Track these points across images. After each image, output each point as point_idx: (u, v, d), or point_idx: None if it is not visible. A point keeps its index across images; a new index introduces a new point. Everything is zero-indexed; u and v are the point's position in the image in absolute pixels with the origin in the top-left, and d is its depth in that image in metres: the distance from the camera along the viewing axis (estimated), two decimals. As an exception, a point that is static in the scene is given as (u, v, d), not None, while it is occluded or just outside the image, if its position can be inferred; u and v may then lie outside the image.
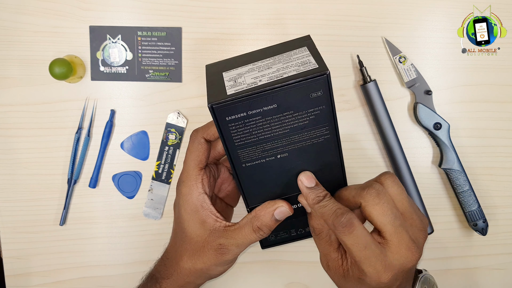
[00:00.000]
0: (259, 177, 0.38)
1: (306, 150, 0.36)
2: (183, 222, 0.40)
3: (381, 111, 0.49)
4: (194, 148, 0.40)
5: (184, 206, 0.40)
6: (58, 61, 0.46)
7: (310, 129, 0.35)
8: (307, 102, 0.33)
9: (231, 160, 0.37)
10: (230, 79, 0.35)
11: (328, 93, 0.33)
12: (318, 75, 0.32)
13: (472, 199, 0.50)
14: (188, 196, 0.40)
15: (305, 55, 0.35)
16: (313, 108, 0.34)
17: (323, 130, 0.35)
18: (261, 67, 0.35)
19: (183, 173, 0.41)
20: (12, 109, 0.51)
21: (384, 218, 0.35)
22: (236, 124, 0.34)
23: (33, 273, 0.53)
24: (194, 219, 0.40)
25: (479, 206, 0.51)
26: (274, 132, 0.35)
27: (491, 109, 0.52)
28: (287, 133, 0.35)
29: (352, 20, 0.50)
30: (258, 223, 0.38)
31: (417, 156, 0.52)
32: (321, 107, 0.34)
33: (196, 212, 0.40)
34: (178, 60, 0.51)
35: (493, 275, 0.54)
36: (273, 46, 0.38)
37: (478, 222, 0.51)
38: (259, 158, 0.36)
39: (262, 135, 0.35)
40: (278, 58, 0.36)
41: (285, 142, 0.35)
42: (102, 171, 0.52)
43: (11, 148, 0.52)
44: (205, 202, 0.40)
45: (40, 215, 0.53)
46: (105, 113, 0.51)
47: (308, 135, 0.35)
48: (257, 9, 0.50)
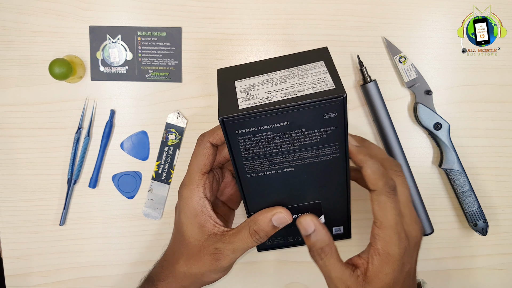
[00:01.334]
0: (263, 187, 0.38)
1: (313, 166, 0.36)
2: (182, 226, 0.40)
3: (381, 111, 0.49)
4: (199, 152, 0.40)
5: (184, 210, 0.40)
6: (58, 61, 0.46)
7: (320, 147, 0.34)
8: (320, 122, 0.32)
9: (237, 170, 0.36)
10: (243, 90, 0.34)
11: (343, 115, 0.32)
12: (335, 98, 0.31)
13: (472, 199, 0.50)
14: (189, 200, 0.40)
15: (321, 72, 0.34)
16: (326, 128, 0.33)
17: (333, 149, 0.35)
18: (275, 80, 0.34)
19: (186, 176, 0.40)
20: (12, 109, 0.51)
21: (405, 190, 0.38)
22: (245, 137, 0.33)
23: (33, 273, 0.53)
24: (193, 223, 0.40)
25: (479, 206, 0.51)
26: (283, 148, 0.34)
27: (491, 109, 0.52)
28: (296, 149, 0.34)
29: (352, 20, 0.50)
30: (255, 226, 0.38)
31: (417, 156, 0.52)
32: (334, 127, 0.33)
33: (195, 216, 0.40)
34: (178, 60, 0.51)
35: (493, 275, 0.54)
36: (288, 56, 0.38)
37: (478, 222, 0.51)
38: (264, 170, 0.36)
39: (271, 149, 0.34)
40: (294, 72, 0.35)
41: (293, 157, 0.35)
42: (102, 171, 0.52)
43: (11, 148, 0.52)
44: (205, 206, 0.40)
45: (40, 215, 0.53)
46: (105, 113, 0.51)
47: (317, 152, 0.35)
48: (257, 9, 0.50)
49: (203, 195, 0.40)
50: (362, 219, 0.52)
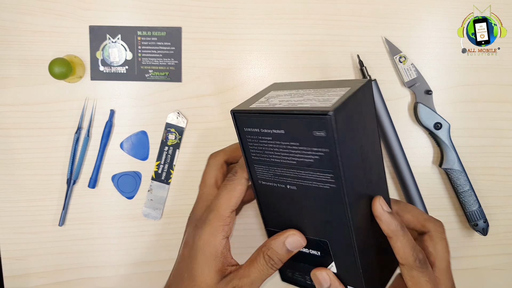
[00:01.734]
0: (274, 200, 0.36)
1: (312, 191, 0.33)
2: (196, 267, 0.36)
3: (381, 111, 0.49)
4: (234, 188, 0.36)
5: (203, 250, 0.36)
6: (57, 61, 0.46)
7: (316, 170, 0.32)
8: (311, 139, 0.31)
9: (250, 172, 0.36)
10: (268, 97, 0.35)
11: (333, 137, 0.29)
12: (319, 113, 0.29)
13: (473, 199, 0.50)
14: (211, 240, 0.36)
15: (337, 94, 0.32)
16: (317, 147, 0.31)
17: (328, 177, 0.32)
18: (298, 95, 0.34)
19: (212, 212, 0.36)
20: (12, 109, 0.51)
21: (446, 254, 0.36)
22: (252, 137, 0.34)
23: (32, 274, 0.53)
24: (211, 266, 0.36)
25: (479, 206, 0.50)
26: (283, 159, 0.33)
27: (491, 109, 0.52)
28: (294, 165, 0.33)
29: (352, 20, 0.50)
30: (269, 252, 0.36)
31: (417, 156, 0.52)
32: (325, 150, 0.30)
33: (214, 258, 0.36)
34: (178, 60, 0.51)
35: (493, 275, 0.54)
36: (334, 81, 0.37)
37: (479, 222, 0.51)
38: (271, 180, 0.35)
39: (273, 157, 0.34)
40: (318, 91, 0.33)
41: (292, 173, 0.34)
42: (101, 171, 0.52)
43: (11, 148, 0.51)
44: (225, 247, 0.37)
45: (39, 216, 0.52)
46: (105, 113, 0.51)
47: (314, 175, 0.33)
48: (257, 9, 0.50)
49: (227, 234, 0.36)
50: None
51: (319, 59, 0.51)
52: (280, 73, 0.51)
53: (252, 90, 0.51)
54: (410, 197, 0.50)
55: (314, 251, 0.37)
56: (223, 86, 0.51)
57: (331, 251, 0.36)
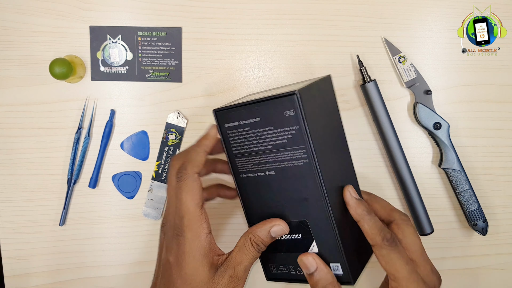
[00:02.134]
0: (255, 192, 0.40)
1: (289, 172, 0.38)
2: (190, 271, 0.37)
3: (381, 111, 0.49)
4: (191, 186, 0.37)
5: (193, 253, 0.37)
6: (58, 61, 0.46)
7: (290, 148, 0.37)
8: (283, 120, 0.36)
9: (231, 167, 0.40)
10: (243, 97, 0.42)
11: (300, 114, 0.35)
12: (287, 94, 0.35)
13: (472, 199, 0.50)
14: (196, 241, 0.37)
15: (303, 83, 0.38)
16: (289, 127, 0.36)
17: (301, 152, 0.37)
18: (269, 91, 0.42)
19: (184, 217, 0.37)
20: (12, 109, 0.51)
21: (415, 238, 0.38)
22: (232, 132, 0.38)
23: (32, 274, 0.53)
24: (204, 265, 0.37)
25: (479, 206, 0.51)
26: (261, 146, 0.38)
27: (491, 109, 0.52)
28: (271, 150, 0.37)
29: (352, 20, 0.50)
30: (255, 238, 0.39)
31: (417, 156, 0.52)
32: (295, 127, 0.36)
33: (205, 257, 0.37)
34: (178, 60, 0.51)
35: (493, 275, 0.54)
36: (302, 81, 0.43)
37: (478, 222, 0.51)
38: (251, 170, 0.39)
39: (252, 147, 0.38)
40: (287, 86, 0.40)
41: (270, 158, 0.38)
42: (102, 171, 0.52)
43: (11, 148, 0.52)
44: (211, 242, 0.38)
45: (40, 215, 0.53)
46: (105, 113, 0.51)
47: (289, 154, 0.37)
48: (257, 9, 0.50)
49: (208, 230, 0.38)
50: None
51: (319, 59, 0.51)
52: (280, 73, 0.51)
53: (252, 90, 0.51)
54: (410, 197, 0.50)
55: (295, 235, 0.40)
56: (223, 86, 0.51)
57: (311, 230, 0.39)
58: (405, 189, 0.50)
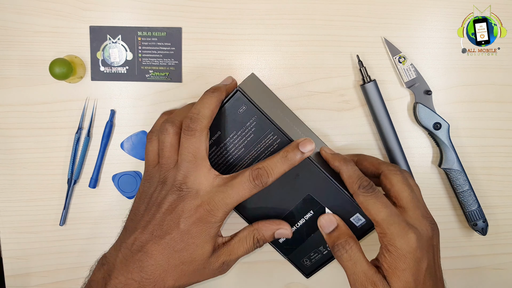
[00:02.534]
0: (251, 199, 0.40)
1: None
2: (196, 240, 0.38)
3: (380, 111, 0.49)
4: (205, 144, 0.39)
5: (208, 228, 0.38)
6: (58, 61, 0.46)
7: (260, 140, 0.40)
8: (242, 117, 0.40)
9: None
10: None
11: (252, 105, 0.39)
12: (233, 94, 0.39)
13: (472, 199, 0.50)
14: (212, 229, 0.38)
15: None
16: (248, 121, 0.40)
17: (271, 137, 0.40)
18: None
19: (202, 184, 0.38)
20: (12, 109, 0.51)
21: (403, 186, 0.39)
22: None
23: (32, 273, 0.53)
24: (210, 241, 0.38)
25: (479, 206, 0.51)
26: (238, 152, 0.41)
27: (491, 109, 0.52)
28: (246, 151, 0.41)
29: (352, 20, 0.50)
30: (259, 236, 0.41)
31: (417, 156, 0.52)
32: (254, 117, 0.39)
33: (212, 240, 0.38)
34: (178, 60, 0.51)
35: (493, 275, 0.54)
36: None
37: (478, 222, 0.51)
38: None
39: (236, 154, 0.41)
40: None
41: (250, 159, 0.41)
42: (102, 171, 0.52)
43: (11, 148, 0.52)
44: (218, 229, 0.40)
45: (40, 215, 0.53)
46: (105, 113, 0.51)
47: (262, 145, 0.40)
48: (257, 9, 0.50)
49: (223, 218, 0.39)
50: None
51: (319, 59, 0.51)
52: (280, 73, 0.51)
53: (252, 90, 0.51)
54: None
55: (307, 214, 0.42)
56: (223, 86, 0.51)
57: (318, 200, 0.41)
58: (405, 189, 0.50)
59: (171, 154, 0.40)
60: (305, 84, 0.51)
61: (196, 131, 0.38)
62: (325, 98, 0.51)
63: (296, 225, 0.42)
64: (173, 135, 0.40)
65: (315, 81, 0.51)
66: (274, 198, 0.41)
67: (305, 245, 0.43)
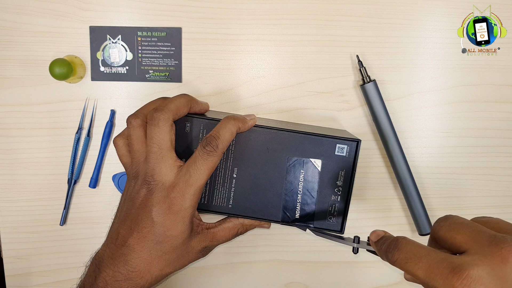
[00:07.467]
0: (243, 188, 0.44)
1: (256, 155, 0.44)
2: (178, 233, 0.39)
3: (380, 111, 0.49)
4: (170, 134, 0.41)
5: (184, 208, 0.39)
6: (58, 61, 0.46)
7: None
8: (191, 135, 0.43)
9: None
10: None
11: (191, 118, 0.42)
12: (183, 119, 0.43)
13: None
14: (188, 210, 0.40)
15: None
16: (199, 134, 0.43)
17: None
18: None
19: (171, 169, 0.40)
20: (12, 109, 0.51)
21: None
22: None
23: (33, 273, 0.54)
24: (187, 223, 0.40)
25: None
26: None
27: (491, 109, 0.52)
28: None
29: (352, 20, 0.50)
30: (242, 230, 0.45)
31: (417, 156, 0.52)
32: (201, 126, 0.43)
33: (192, 215, 0.40)
34: (178, 60, 0.51)
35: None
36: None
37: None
38: None
39: None
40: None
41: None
42: (102, 171, 0.52)
43: (11, 148, 0.52)
44: (195, 210, 0.42)
45: (40, 215, 0.53)
46: (105, 113, 0.51)
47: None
48: (257, 9, 0.50)
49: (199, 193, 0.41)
50: (362, 219, 0.52)
51: (319, 59, 0.51)
52: (280, 73, 0.51)
53: (252, 90, 0.51)
54: (409, 197, 0.50)
55: (300, 175, 0.43)
56: (223, 86, 0.51)
57: (299, 156, 0.42)
58: (404, 189, 0.50)
59: (139, 147, 0.41)
60: (305, 84, 0.51)
61: (159, 121, 0.39)
62: (325, 98, 0.51)
63: (299, 192, 0.43)
64: (137, 127, 0.41)
65: (315, 81, 0.51)
66: (264, 184, 0.43)
67: (318, 204, 0.43)
